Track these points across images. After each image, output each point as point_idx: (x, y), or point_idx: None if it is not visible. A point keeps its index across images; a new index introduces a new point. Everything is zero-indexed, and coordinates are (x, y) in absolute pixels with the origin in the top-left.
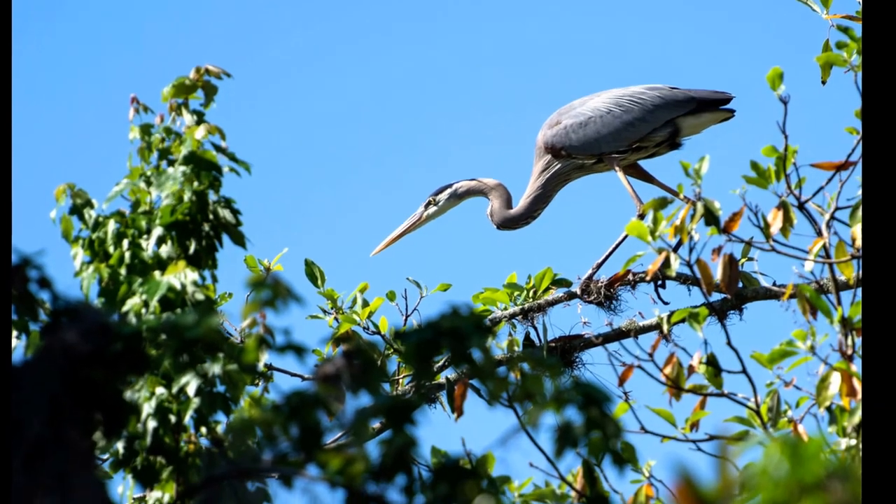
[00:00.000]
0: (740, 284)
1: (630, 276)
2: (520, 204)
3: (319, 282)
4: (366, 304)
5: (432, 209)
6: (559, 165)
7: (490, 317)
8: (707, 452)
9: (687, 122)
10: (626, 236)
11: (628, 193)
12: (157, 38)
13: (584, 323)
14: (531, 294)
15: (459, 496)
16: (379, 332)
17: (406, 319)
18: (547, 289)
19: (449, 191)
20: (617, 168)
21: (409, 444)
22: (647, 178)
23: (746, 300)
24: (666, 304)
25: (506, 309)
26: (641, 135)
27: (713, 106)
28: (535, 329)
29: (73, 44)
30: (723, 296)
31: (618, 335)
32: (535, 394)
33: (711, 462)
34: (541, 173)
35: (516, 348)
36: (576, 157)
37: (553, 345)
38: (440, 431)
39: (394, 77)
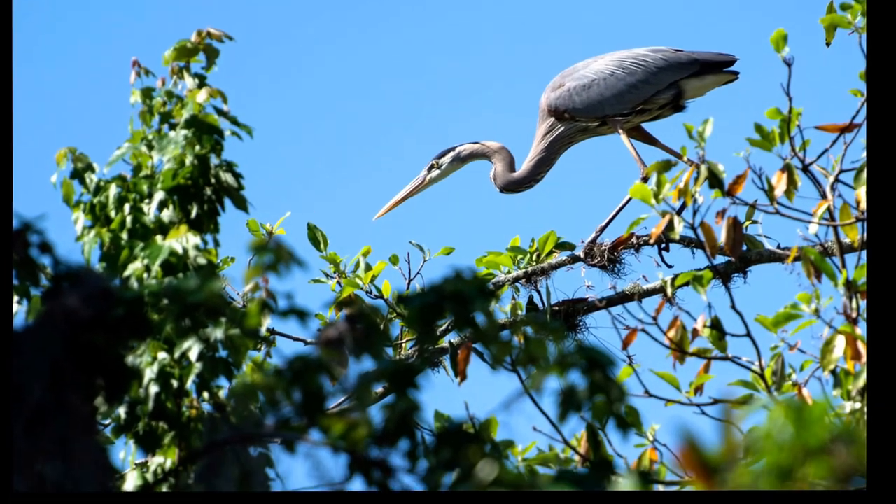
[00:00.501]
0: (745, 247)
1: (634, 240)
2: (523, 167)
3: (322, 246)
4: (368, 268)
5: (435, 172)
6: (563, 128)
7: (493, 280)
8: (711, 416)
9: (690, 84)
10: (629, 199)
11: (632, 156)
12: (159, 1)
13: (588, 286)
14: (534, 258)
15: (462, 461)
16: (381, 297)
17: (409, 283)
18: (550, 252)
19: (452, 154)
20: (620, 130)
21: (412, 408)
22: (650, 140)
23: (751, 263)
24: (669, 266)
25: (509, 273)
26: (645, 97)
27: (717, 68)
28: (539, 293)
29: (74, 7)
30: (727, 259)
31: (621, 299)
32: (538, 358)
33: (715, 426)
34: (544, 136)
35: (520, 312)
36: (579, 119)
37: (557, 308)
38: (444, 396)
39: (399, 44)
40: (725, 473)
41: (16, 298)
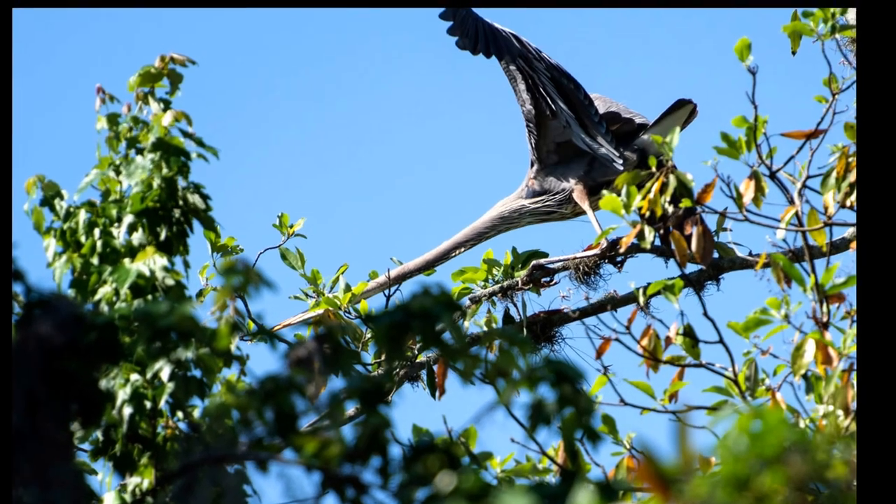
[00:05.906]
0: (716, 255)
1: (603, 249)
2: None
3: (300, 264)
4: (348, 288)
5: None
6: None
7: (470, 295)
8: (687, 423)
9: (645, 140)
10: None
11: (593, 225)
12: (120, 27)
13: (563, 297)
14: (510, 270)
15: (433, 475)
16: (360, 316)
17: (388, 300)
18: (524, 265)
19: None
20: (586, 204)
21: (382, 425)
22: None
23: (723, 270)
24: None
25: (485, 287)
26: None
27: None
28: (515, 305)
29: (36, 35)
30: (699, 267)
31: (595, 310)
32: (507, 371)
33: (684, 434)
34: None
35: (494, 325)
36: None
37: (532, 320)
38: (423, 410)
39: (357, 58)
40: (682, 485)
41: None
